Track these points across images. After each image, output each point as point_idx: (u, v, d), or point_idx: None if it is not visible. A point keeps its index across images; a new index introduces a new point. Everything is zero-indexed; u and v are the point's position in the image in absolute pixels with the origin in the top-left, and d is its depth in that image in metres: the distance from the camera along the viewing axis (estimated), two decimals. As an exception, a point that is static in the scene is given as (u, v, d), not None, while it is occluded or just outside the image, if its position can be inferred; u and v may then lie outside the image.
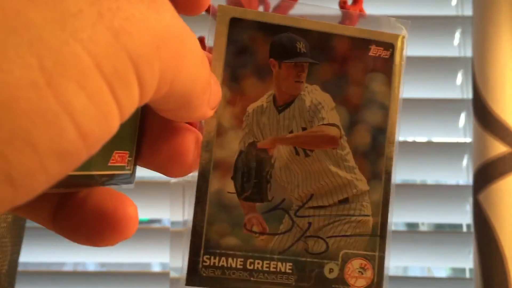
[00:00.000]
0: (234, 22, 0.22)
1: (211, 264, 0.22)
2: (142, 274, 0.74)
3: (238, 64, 0.23)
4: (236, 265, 0.22)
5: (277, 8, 0.52)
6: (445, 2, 0.77)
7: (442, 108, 0.74)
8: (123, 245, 0.76)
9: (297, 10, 0.28)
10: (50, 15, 0.12)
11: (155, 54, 0.14)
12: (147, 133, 0.21)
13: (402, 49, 0.24)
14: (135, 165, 0.21)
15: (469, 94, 0.72)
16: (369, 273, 0.23)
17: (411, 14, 0.75)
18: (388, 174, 0.24)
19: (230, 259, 0.22)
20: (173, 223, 0.60)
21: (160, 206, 0.71)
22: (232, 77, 0.23)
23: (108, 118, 0.13)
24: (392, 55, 0.24)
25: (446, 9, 0.76)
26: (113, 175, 0.19)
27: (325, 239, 0.23)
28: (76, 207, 0.20)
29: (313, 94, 0.23)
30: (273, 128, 0.23)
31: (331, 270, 0.23)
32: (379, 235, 0.24)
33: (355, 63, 0.24)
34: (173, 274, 0.60)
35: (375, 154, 0.24)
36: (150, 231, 0.74)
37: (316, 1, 0.25)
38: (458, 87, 0.75)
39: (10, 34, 0.11)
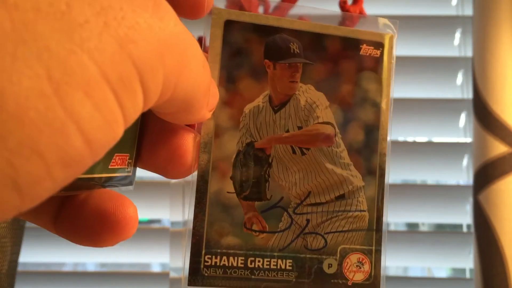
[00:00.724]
0: (229, 25, 0.23)
1: (213, 263, 0.22)
2: (142, 274, 0.74)
3: (234, 65, 0.23)
4: (237, 264, 0.23)
5: (277, 9, 0.52)
6: (445, 2, 0.77)
7: (442, 108, 0.74)
8: (123, 245, 0.76)
9: (296, 11, 0.28)
10: (57, 25, 0.12)
11: (159, 61, 0.14)
12: (146, 135, 0.21)
13: (391, 47, 0.25)
14: (135, 167, 0.21)
15: (469, 94, 0.72)
16: (366, 267, 0.24)
17: (412, 14, 0.75)
18: (382, 170, 0.25)
19: (231, 258, 0.23)
20: (173, 223, 0.60)
21: (160, 206, 0.71)
22: (228, 78, 0.23)
23: (113, 126, 0.13)
24: (382, 53, 0.25)
25: (446, 9, 0.76)
26: (113, 177, 0.20)
27: (324, 235, 0.24)
28: (77, 209, 0.20)
29: (307, 94, 0.24)
30: (270, 127, 0.24)
31: (330, 266, 0.24)
32: (375, 230, 0.24)
33: (347, 62, 0.24)
34: (173, 274, 0.60)
35: (369, 151, 0.24)
36: (150, 231, 0.74)
37: (316, 1, 0.25)
38: (458, 87, 0.75)
39: (19, 45, 0.11)
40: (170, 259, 0.60)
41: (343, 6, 0.50)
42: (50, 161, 0.12)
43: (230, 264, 0.23)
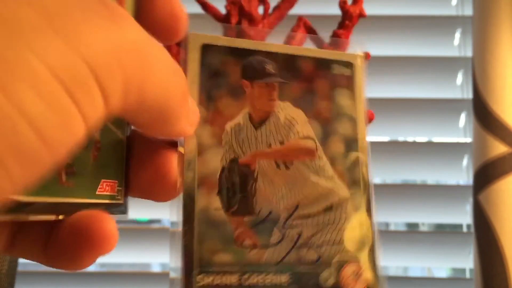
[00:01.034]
0: (206, 48, 0.23)
1: (206, 284, 0.22)
2: (142, 274, 0.74)
3: (213, 86, 0.23)
4: (232, 283, 0.22)
5: (277, 8, 0.52)
6: (445, 2, 0.77)
7: (442, 108, 0.74)
8: (123, 245, 0.76)
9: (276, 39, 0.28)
10: (3, 29, 0.12)
11: (116, 63, 0.14)
12: (131, 160, 0.21)
13: (361, 66, 0.26)
14: (126, 196, 0.21)
15: (469, 94, 0.72)
16: (364, 277, 0.24)
17: (411, 14, 0.75)
18: (365, 180, 0.25)
19: (225, 277, 0.22)
20: (173, 223, 0.60)
21: (160, 206, 0.71)
22: (208, 98, 0.23)
23: (71, 124, 0.13)
24: (353, 72, 0.26)
25: (446, 9, 0.76)
26: (103, 204, 0.20)
27: (316, 248, 0.24)
28: (58, 234, 0.19)
29: (286, 110, 0.24)
30: (252, 143, 0.24)
31: (327, 279, 0.23)
32: (367, 239, 0.24)
33: (321, 80, 0.25)
34: (173, 274, 0.60)
35: (350, 163, 0.25)
36: (150, 231, 0.74)
37: (316, 2, 0.25)
38: (458, 87, 0.75)
39: None
40: (170, 259, 0.60)
41: (343, 6, 0.50)
42: (2, 155, 0.12)
43: (224, 284, 0.22)
